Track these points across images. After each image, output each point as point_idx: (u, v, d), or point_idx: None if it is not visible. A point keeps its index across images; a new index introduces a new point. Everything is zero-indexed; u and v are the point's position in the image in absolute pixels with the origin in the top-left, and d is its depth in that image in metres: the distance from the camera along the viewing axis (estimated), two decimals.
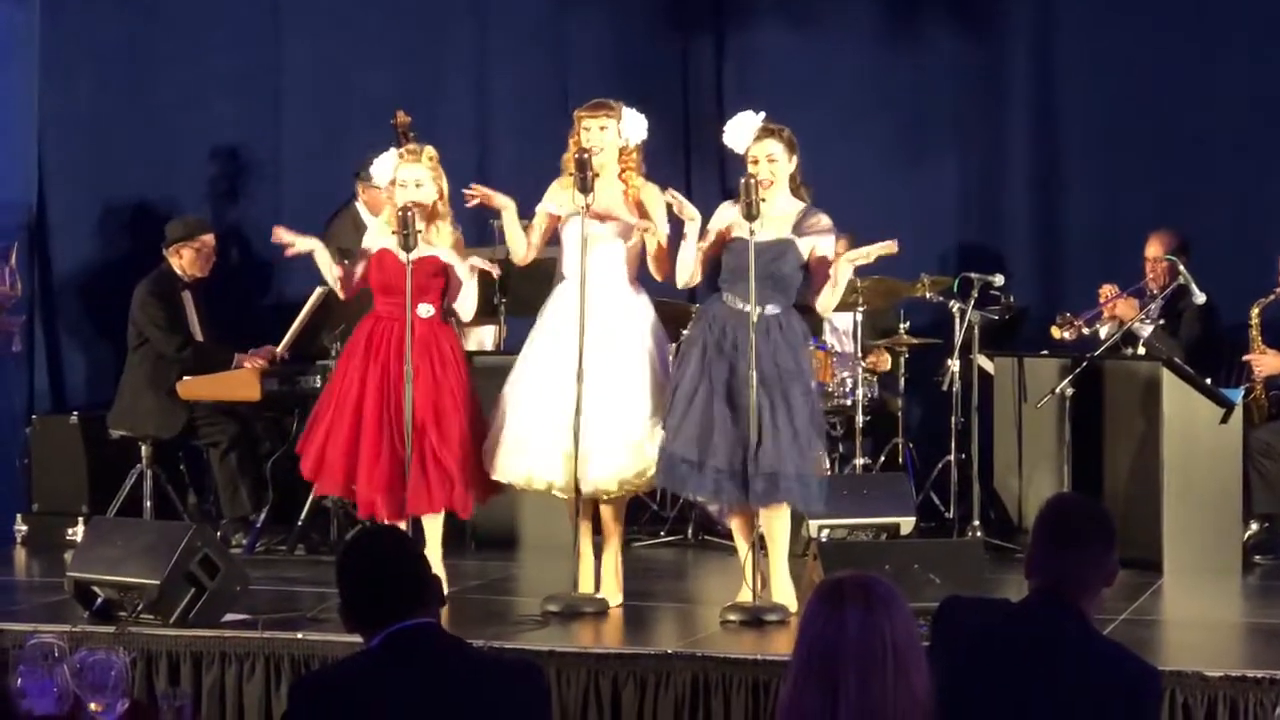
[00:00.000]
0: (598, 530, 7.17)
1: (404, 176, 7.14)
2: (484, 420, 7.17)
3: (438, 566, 7.01)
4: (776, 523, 6.88)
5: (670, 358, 7.17)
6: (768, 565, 6.87)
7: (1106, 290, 8.88)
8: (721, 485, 6.77)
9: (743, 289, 6.74)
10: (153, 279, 9.03)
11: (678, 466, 6.81)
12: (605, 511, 7.11)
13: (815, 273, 6.88)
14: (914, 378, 9.39)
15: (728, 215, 6.95)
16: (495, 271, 7.25)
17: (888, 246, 6.80)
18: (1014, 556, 7.81)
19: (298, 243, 7.23)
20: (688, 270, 6.96)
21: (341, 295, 7.40)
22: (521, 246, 7.19)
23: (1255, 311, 8.50)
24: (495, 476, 7.09)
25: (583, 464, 6.86)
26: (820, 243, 6.86)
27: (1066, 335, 8.79)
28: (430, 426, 7.03)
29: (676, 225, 7.00)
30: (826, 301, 6.90)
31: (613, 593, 7.12)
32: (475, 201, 7.20)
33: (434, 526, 7.15)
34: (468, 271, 7.12)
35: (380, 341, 7.10)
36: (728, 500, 6.87)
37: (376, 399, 7.06)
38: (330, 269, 7.25)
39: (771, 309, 6.83)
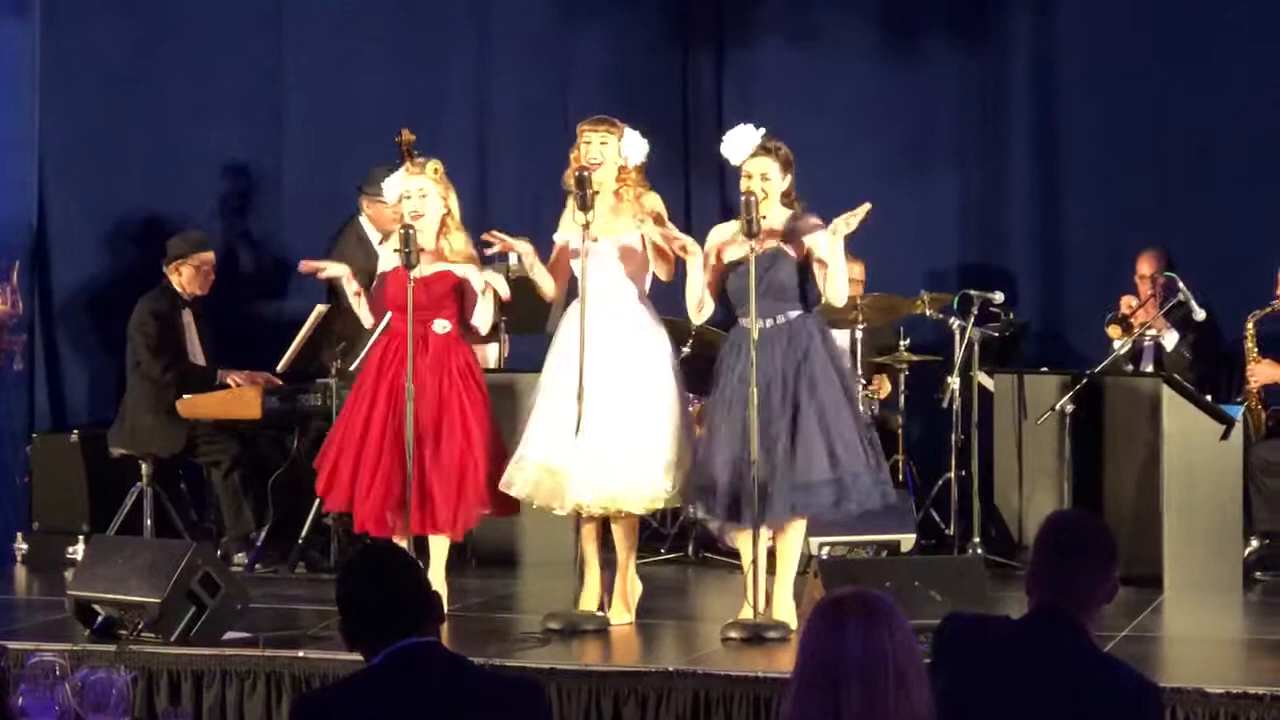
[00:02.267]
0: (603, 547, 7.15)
1: (408, 187, 7.19)
2: (499, 438, 7.16)
3: (440, 585, 7.01)
4: (789, 540, 6.87)
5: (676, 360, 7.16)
6: (772, 582, 6.87)
7: (1128, 301, 8.86)
8: (750, 506, 6.70)
9: (748, 308, 6.75)
10: (152, 297, 9.01)
11: (713, 495, 6.81)
12: (618, 530, 7.07)
13: (818, 271, 6.87)
14: (914, 395, 9.38)
15: (718, 238, 6.97)
16: (505, 294, 7.24)
17: (860, 210, 6.74)
18: (1015, 573, 7.80)
19: (329, 267, 7.60)
20: (697, 302, 6.96)
21: (369, 321, 7.45)
22: (550, 285, 7.19)
23: (1250, 323, 8.50)
24: (517, 495, 7.06)
25: (603, 483, 6.84)
26: (814, 240, 6.83)
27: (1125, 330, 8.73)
28: (428, 445, 7.03)
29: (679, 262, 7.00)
30: (833, 289, 6.85)
31: (623, 612, 7.10)
32: (495, 249, 7.22)
33: (440, 546, 7.14)
34: (482, 284, 7.13)
35: (392, 358, 7.14)
36: (760, 521, 6.75)
37: (383, 415, 7.10)
38: (352, 290, 7.38)
39: (789, 315, 6.83)
